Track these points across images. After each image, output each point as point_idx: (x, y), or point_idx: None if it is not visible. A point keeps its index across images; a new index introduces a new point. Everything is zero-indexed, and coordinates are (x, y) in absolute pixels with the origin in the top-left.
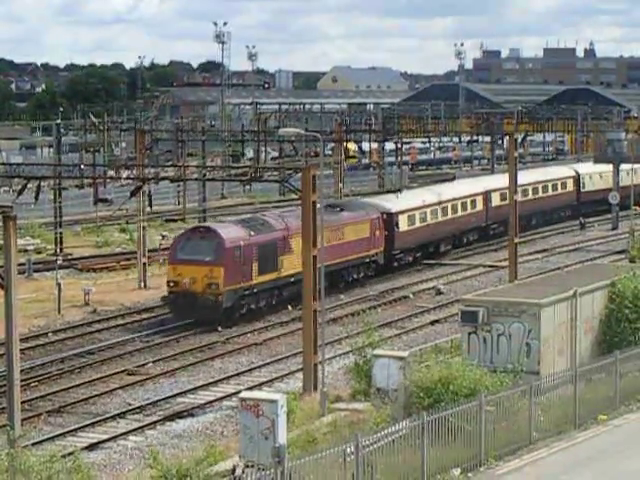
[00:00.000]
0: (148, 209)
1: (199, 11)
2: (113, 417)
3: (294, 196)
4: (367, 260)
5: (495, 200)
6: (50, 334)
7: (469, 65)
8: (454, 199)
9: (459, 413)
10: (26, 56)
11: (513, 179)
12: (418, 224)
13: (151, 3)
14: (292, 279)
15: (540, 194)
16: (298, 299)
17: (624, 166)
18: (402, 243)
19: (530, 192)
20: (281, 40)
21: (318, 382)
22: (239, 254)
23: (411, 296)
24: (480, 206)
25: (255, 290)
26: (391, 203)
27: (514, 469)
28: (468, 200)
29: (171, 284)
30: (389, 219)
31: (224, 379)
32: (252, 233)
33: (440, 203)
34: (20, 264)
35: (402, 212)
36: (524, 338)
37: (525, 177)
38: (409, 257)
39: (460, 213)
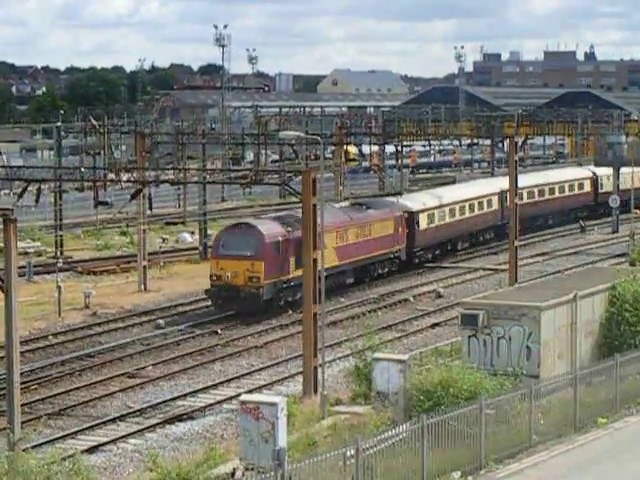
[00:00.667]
0: (148, 212)
1: (199, 14)
2: (113, 420)
3: (294, 199)
4: (391, 256)
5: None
6: (50, 337)
7: (469, 68)
8: (471, 199)
9: (459, 416)
10: (27, 59)
11: (513, 182)
12: (437, 222)
13: (152, 6)
14: (325, 273)
15: (557, 194)
16: (329, 293)
17: (626, 169)
18: (422, 240)
19: (547, 192)
20: (281, 43)
21: (318, 385)
22: (278, 249)
23: (411, 299)
24: (496, 205)
25: (292, 283)
26: (412, 202)
27: (514, 472)
28: (484, 200)
29: (214, 278)
30: (410, 217)
31: (224, 382)
32: (289, 229)
33: (457, 202)
34: (20, 267)
35: (422, 211)
36: (524, 341)
37: (543, 178)
38: (428, 254)
39: (477, 212)
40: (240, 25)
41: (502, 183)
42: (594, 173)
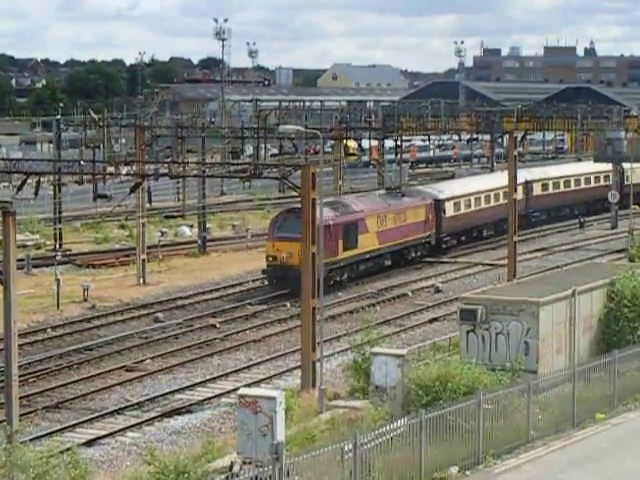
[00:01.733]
0: (147, 205)
1: (200, 8)
2: (111, 413)
3: (294, 193)
4: (422, 241)
5: (536, 190)
6: (49, 330)
7: (469, 63)
8: (496, 189)
9: (457, 411)
10: (27, 52)
11: (512, 177)
12: (463, 210)
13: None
14: (367, 255)
15: (583, 185)
16: (372, 274)
17: (626, 165)
18: (448, 227)
19: (572, 183)
20: (281, 37)
21: (316, 379)
22: (328, 232)
23: (410, 294)
24: (521, 195)
25: (341, 264)
26: (438, 191)
27: (512, 467)
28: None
29: (270, 258)
30: (437, 205)
31: (222, 376)
32: (338, 214)
33: (483, 192)
34: (19, 260)
35: (449, 199)
36: (522, 337)
37: (570, 169)
38: (454, 240)
39: (502, 201)
40: (240, 19)
41: (527, 174)
42: (620, 165)
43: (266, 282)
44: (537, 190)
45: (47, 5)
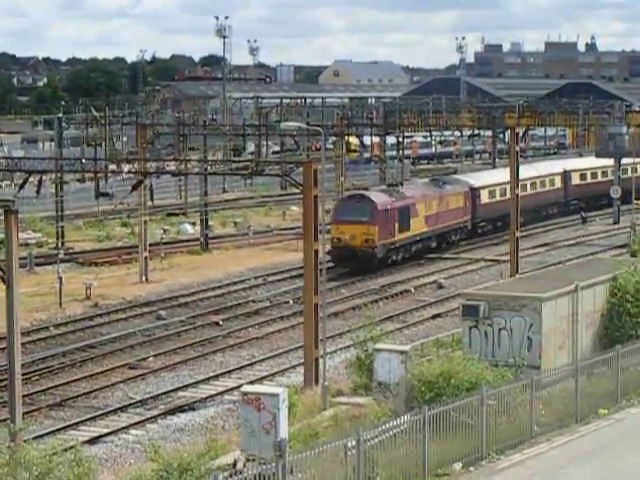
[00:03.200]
0: (149, 203)
1: (201, 5)
2: (114, 411)
3: (296, 190)
4: (461, 225)
5: (575, 179)
6: (51, 328)
7: (471, 59)
8: (533, 177)
9: (460, 407)
10: (28, 50)
11: (514, 172)
12: (498, 198)
13: None
14: (417, 237)
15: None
16: (421, 255)
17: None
18: (483, 213)
19: (609, 174)
20: (283, 34)
21: (319, 376)
22: (387, 215)
23: (412, 290)
24: (559, 184)
25: (397, 245)
26: (474, 179)
27: (515, 463)
28: (547, 179)
29: (334, 240)
30: (472, 192)
31: (225, 373)
32: (393, 199)
33: (520, 181)
34: (22, 258)
35: (483, 187)
36: (525, 332)
37: (604, 160)
38: (490, 226)
39: (539, 190)
40: (242, 16)
41: (566, 164)
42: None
43: (331, 262)
44: (575, 179)
45: (48, 3)
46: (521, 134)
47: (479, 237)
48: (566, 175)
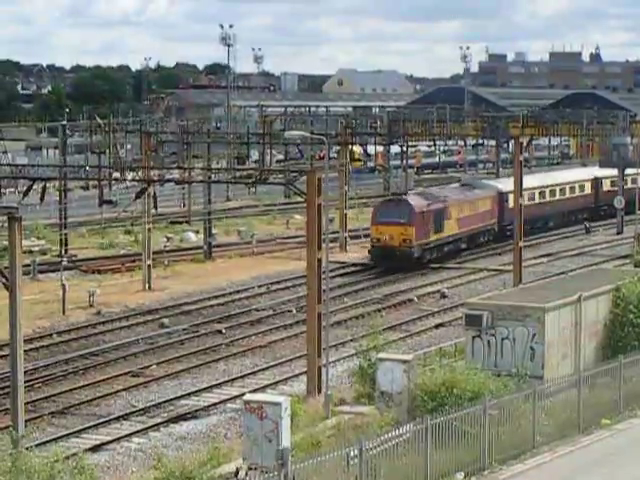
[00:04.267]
0: (153, 211)
1: (206, 14)
2: (117, 419)
3: (299, 199)
4: (489, 228)
5: (605, 186)
6: (54, 335)
7: (475, 69)
8: (562, 183)
9: (463, 417)
10: (33, 57)
11: (518, 182)
12: (526, 202)
13: (159, 5)
14: (450, 239)
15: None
16: (453, 256)
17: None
18: (511, 217)
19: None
20: (287, 43)
21: (322, 385)
22: (423, 217)
23: (415, 299)
24: (589, 190)
25: (431, 245)
26: (502, 184)
27: (518, 473)
28: (577, 185)
29: (374, 240)
30: (500, 197)
31: (228, 381)
32: (429, 202)
33: (548, 186)
34: (25, 265)
35: (511, 192)
36: (528, 342)
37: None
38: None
39: (568, 195)
40: (246, 24)
41: (596, 171)
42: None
43: (372, 261)
44: (606, 186)
45: (53, 11)
46: (525, 144)
47: (507, 239)
48: (597, 182)
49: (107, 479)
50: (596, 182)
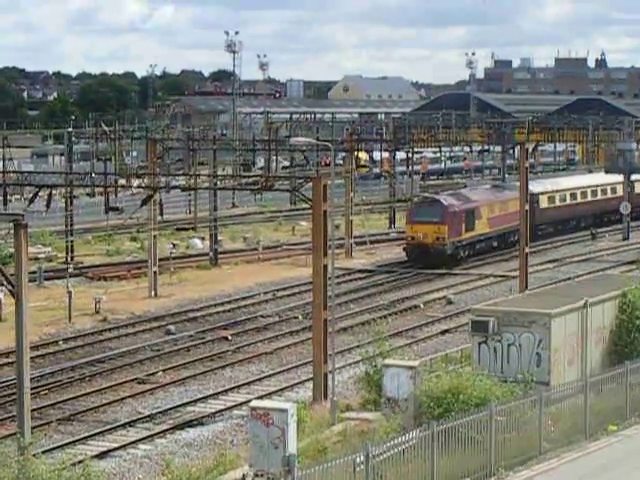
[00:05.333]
0: (159, 218)
1: (212, 21)
2: (123, 425)
3: (305, 205)
4: (518, 228)
5: (638, 189)
6: (61, 342)
7: (480, 75)
8: (594, 186)
9: (469, 423)
10: (38, 65)
11: (524, 189)
12: (557, 203)
13: (165, 12)
14: (482, 237)
15: None
16: (484, 253)
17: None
18: (542, 217)
19: None
20: (292, 50)
21: (328, 391)
22: (455, 216)
23: (421, 306)
24: (620, 192)
25: (463, 243)
26: (534, 186)
27: (524, 479)
28: (608, 187)
29: (409, 238)
30: (532, 198)
31: (234, 388)
32: (460, 202)
33: (579, 188)
34: (31, 272)
35: (543, 193)
36: (534, 348)
37: None
38: (550, 229)
39: (599, 197)
40: (252, 31)
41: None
42: None
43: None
44: (638, 189)
45: (59, 18)
46: (531, 150)
47: (539, 239)
48: (630, 185)
49: None
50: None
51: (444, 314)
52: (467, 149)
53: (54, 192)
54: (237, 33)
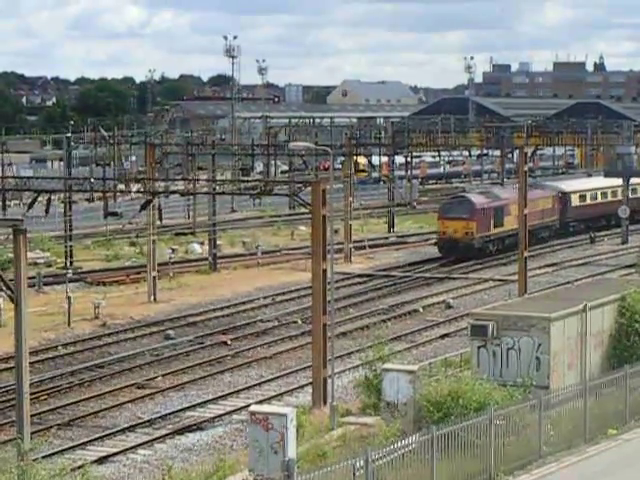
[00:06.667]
0: (158, 223)
1: (210, 26)
2: (122, 430)
3: (304, 210)
4: (550, 224)
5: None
6: (60, 347)
7: (479, 79)
8: (614, 187)
9: (469, 427)
10: (37, 70)
11: (523, 193)
12: (588, 201)
13: (164, 18)
14: (510, 233)
15: None
16: (511, 249)
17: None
18: (573, 214)
19: None
20: (291, 54)
21: (328, 396)
22: (483, 213)
23: (421, 310)
24: None
25: (492, 238)
26: (565, 185)
27: None
28: (638, 187)
29: (440, 233)
30: (563, 196)
31: (234, 393)
32: (489, 199)
33: (611, 187)
34: (30, 277)
35: (574, 192)
36: (534, 352)
37: None
38: (581, 225)
39: (631, 196)
40: (250, 36)
41: None
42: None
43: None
44: None
45: (58, 23)
46: (530, 154)
47: (569, 235)
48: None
49: None
50: None
51: (443, 318)
52: (466, 153)
53: (53, 197)
54: (236, 38)
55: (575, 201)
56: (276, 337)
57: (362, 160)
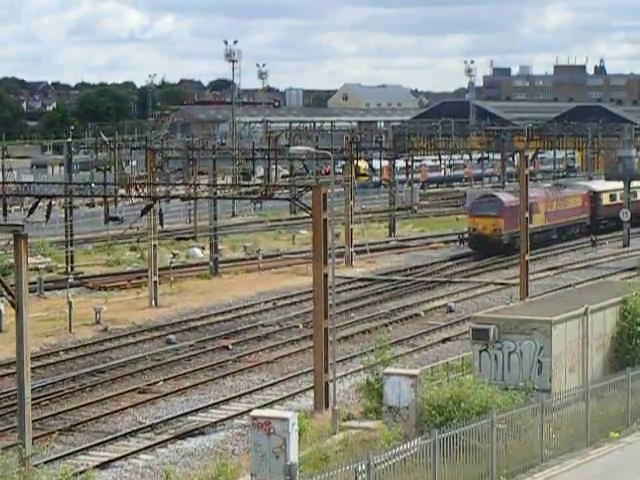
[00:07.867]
0: (159, 227)
1: (211, 30)
2: (124, 435)
3: (305, 214)
4: (579, 222)
5: None
6: (61, 352)
7: (479, 82)
8: None
9: (471, 431)
10: (37, 75)
11: (525, 196)
12: (618, 200)
13: (164, 22)
14: (539, 229)
15: None
16: (540, 245)
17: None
18: (604, 213)
19: None
20: (292, 58)
21: (329, 400)
22: (511, 211)
23: (422, 314)
24: None
25: (518, 235)
26: (596, 185)
27: None
28: (638, 191)
29: (470, 230)
30: (594, 196)
31: (235, 397)
32: (517, 198)
33: (636, 188)
34: (31, 283)
35: (604, 191)
36: (535, 355)
37: None
38: (612, 223)
39: (633, 199)
40: (251, 40)
41: None
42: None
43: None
44: None
45: (58, 28)
46: (530, 157)
47: (600, 233)
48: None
49: None
50: None
51: (445, 322)
52: (467, 157)
53: (54, 202)
54: (236, 42)
55: (605, 200)
56: (277, 341)
57: (363, 164)
